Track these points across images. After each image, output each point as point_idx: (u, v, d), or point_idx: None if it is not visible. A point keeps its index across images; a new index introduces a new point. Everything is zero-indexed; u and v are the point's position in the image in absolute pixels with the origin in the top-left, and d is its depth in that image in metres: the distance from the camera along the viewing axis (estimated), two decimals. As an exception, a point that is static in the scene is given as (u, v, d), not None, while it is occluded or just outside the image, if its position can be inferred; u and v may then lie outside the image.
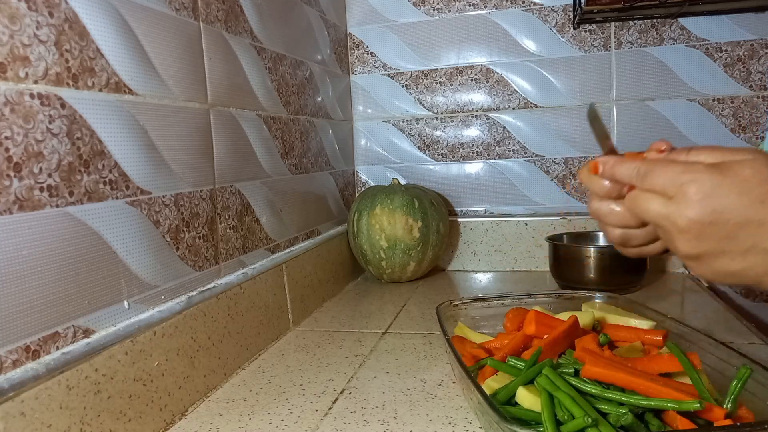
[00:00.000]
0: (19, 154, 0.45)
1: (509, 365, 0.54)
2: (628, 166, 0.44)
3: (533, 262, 1.20)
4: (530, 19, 1.17)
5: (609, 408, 0.46)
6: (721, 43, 1.09)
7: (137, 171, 0.58)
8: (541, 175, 1.20)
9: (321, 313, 0.96)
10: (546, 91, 1.18)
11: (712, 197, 0.39)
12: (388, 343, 0.80)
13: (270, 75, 0.88)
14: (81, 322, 0.51)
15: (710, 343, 0.56)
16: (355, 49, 1.27)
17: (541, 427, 0.46)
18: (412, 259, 1.09)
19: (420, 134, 1.26)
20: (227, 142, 0.75)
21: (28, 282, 0.45)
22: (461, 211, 1.25)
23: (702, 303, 0.93)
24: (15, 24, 0.45)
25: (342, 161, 1.22)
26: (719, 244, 0.39)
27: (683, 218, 0.40)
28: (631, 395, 0.46)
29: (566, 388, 0.48)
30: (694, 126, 1.12)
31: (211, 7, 0.72)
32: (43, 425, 0.44)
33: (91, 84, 0.52)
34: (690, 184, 0.39)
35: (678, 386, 0.47)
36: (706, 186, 0.39)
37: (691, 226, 0.40)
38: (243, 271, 0.77)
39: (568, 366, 0.52)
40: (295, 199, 0.96)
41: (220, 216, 0.73)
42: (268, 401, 0.63)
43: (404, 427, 0.56)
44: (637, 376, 0.48)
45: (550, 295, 0.75)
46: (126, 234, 0.56)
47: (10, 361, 0.44)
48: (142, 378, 0.55)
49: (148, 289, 0.59)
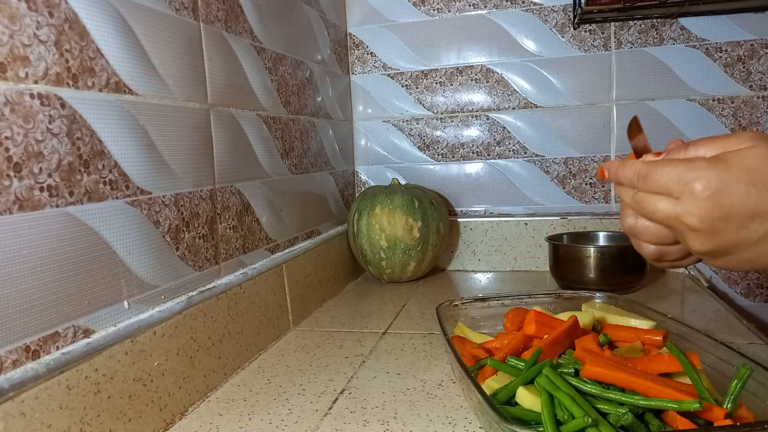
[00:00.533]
0: (19, 154, 0.45)
1: (509, 365, 0.54)
2: (629, 168, 0.44)
3: (533, 262, 1.20)
4: (530, 19, 1.17)
5: (609, 408, 0.46)
6: (721, 43, 1.09)
7: (137, 171, 0.58)
8: (541, 175, 1.20)
9: (321, 313, 0.96)
10: (546, 91, 1.18)
11: (719, 192, 0.39)
12: (388, 343, 0.80)
13: (270, 75, 0.88)
14: (81, 322, 0.51)
15: (710, 343, 0.56)
16: (355, 49, 1.27)
17: (541, 427, 0.46)
18: (412, 259, 1.09)
19: (420, 134, 1.26)
20: (227, 142, 0.75)
21: (28, 282, 0.45)
22: (461, 211, 1.25)
23: (702, 303, 0.93)
24: (15, 24, 0.45)
25: (342, 161, 1.22)
26: (733, 237, 0.39)
27: (694, 217, 0.40)
28: (631, 395, 0.46)
29: (566, 388, 0.48)
30: (694, 126, 1.12)
31: (211, 7, 0.72)
32: (43, 425, 0.44)
33: (91, 84, 0.52)
34: (695, 182, 0.39)
35: (678, 386, 0.47)
36: (713, 181, 0.39)
37: (703, 225, 0.39)
38: (243, 271, 0.77)
39: (568, 366, 0.52)
40: (295, 199, 0.96)
41: (220, 216, 0.73)
42: (268, 401, 0.63)
43: (404, 427, 0.56)
44: (637, 376, 0.48)
45: (550, 295, 0.75)
46: (126, 234, 0.56)
47: (10, 361, 0.44)
48: (142, 378, 0.55)
49: (148, 289, 0.59)
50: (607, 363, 0.50)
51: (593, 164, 1.17)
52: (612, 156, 1.16)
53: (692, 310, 0.91)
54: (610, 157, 1.16)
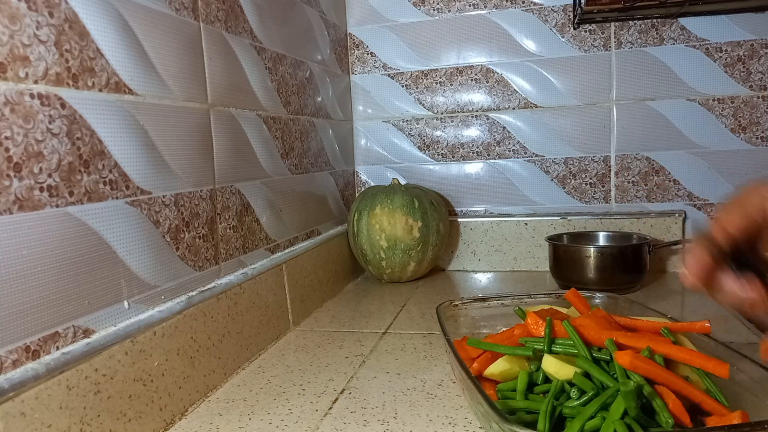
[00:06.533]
0: (19, 154, 0.45)
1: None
2: None
3: (533, 262, 1.20)
4: (530, 19, 1.17)
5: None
6: (721, 43, 1.09)
7: (137, 171, 0.58)
8: (541, 175, 1.20)
9: (321, 313, 0.96)
10: (546, 91, 1.18)
11: None
12: (388, 343, 0.80)
13: (270, 75, 0.88)
14: (81, 322, 0.51)
15: (710, 343, 0.56)
16: (355, 49, 1.27)
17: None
18: (412, 259, 1.09)
19: (420, 134, 1.26)
20: (227, 142, 0.75)
21: (28, 282, 0.45)
22: (461, 211, 1.25)
23: (702, 303, 0.93)
24: (15, 24, 0.45)
25: (342, 161, 1.22)
26: None
27: None
28: None
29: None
30: (694, 126, 1.12)
31: (211, 7, 0.72)
32: (43, 425, 0.44)
33: (91, 84, 0.52)
34: None
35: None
36: None
37: None
38: (243, 271, 0.77)
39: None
40: (295, 199, 0.96)
41: (220, 216, 0.73)
42: (268, 401, 0.63)
43: (404, 427, 0.56)
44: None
45: (550, 295, 0.75)
46: (126, 234, 0.56)
47: (10, 361, 0.44)
48: (142, 378, 0.55)
49: (148, 289, 0.59)
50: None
51: (593, 164, 1.17)
52: (612, 156, 1.16)
53: (692, 310, 0.91)
54: (610, 157, 1.16)
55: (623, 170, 1.16)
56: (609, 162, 1.16)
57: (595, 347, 0.53)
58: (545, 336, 0.54)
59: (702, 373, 0.50)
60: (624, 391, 0.43)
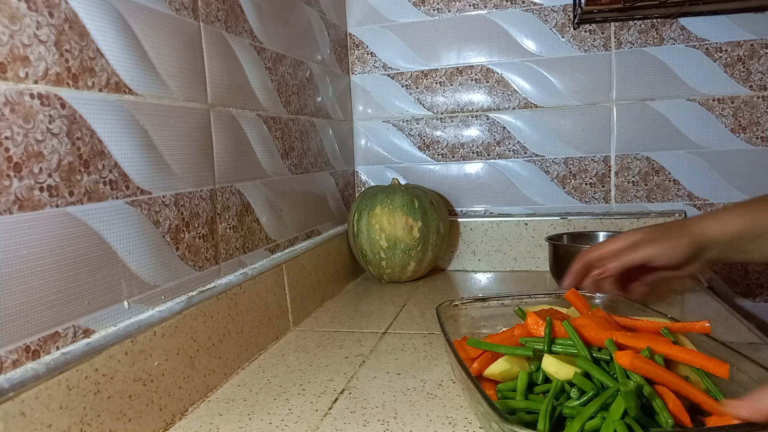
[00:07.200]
0: (19, 154, 0.45)
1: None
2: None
3: (533, 262, 1.20)
4: (530, 19, 1.17)
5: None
6: (721, 43, 1.09)
7: (137, 171, 0.58)
8: (541, 175, 1.20)
9: (321, 313, 0.96)
10: (546, 91, 1.18)
11: None
12: (388, 343, 0.80)
13: (270, 75, 0.88)
14: (81, 322, 0.51)
15: (710, 343, 0.56)
16: (355, 49, 1.27)
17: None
18: (412, 259, 1.09)
19: (420, 134, 1.26)
20: (227, 142, 0.75)
21: (28, 282, 0.45)
22: (461, 211, 1.25)
23: (702, 303, 0.93)
24: (15, 24, 0.45)
25: (342, 161, 1.22)
26: None
27: None
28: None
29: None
30: (694, 126, 1.12)
31: (211, 7, 0.72)
32: (43, 425, 0.44)
33: (91, 84, 0.52)
34: None
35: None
36: None
37: None
38: (243, 271, 0.77)
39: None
40: (295, 199, 0.96)
41: (220, 216, 0.73)
42: (268, 401, 0.63)
43: (404, 427, 0.56)
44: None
45: (550, 295, 0.75)
46: (126, 234, 0.56)
47: (10, 361, 0.44)
48: (142, 378, 0.55)
49: (148, 289, 0.59)
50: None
51: (593, 164, 1.17)
52: (612, 156, 1.16)
53: (692, 310, 0.91)
54: (610, 157, 1.16)
55: (623, 170, 1.16)
56: (609, 162, 1.16)
57: (595, 347, 0.53)
58: (545, 336, 0.54)
59: (702, 373, 0.50)
60: (624, 391, 0.43)
